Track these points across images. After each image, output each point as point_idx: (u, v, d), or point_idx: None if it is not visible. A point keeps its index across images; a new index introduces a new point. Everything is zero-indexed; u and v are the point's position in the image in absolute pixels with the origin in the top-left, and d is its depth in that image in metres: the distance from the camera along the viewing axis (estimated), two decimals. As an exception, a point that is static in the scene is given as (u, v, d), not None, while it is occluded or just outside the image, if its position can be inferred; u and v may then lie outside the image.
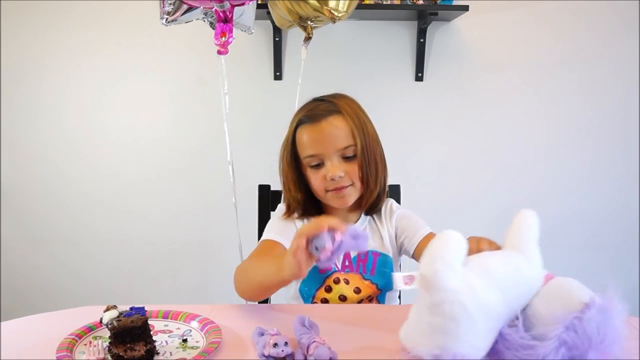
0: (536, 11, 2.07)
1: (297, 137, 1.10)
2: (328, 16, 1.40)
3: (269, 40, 2.06)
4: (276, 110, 2.01)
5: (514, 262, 0.72)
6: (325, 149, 1.06)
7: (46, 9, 2.06)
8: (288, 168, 1.13)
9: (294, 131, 1.11)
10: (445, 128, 2.15)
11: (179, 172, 2.17)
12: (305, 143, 1.08)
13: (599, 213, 2.18)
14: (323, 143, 1.06)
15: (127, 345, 0.74)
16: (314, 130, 1.07)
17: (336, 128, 1.06)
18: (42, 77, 2.11)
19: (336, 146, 1.06)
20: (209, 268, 2.22)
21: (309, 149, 1.08)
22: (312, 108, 1.10)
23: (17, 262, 2.23)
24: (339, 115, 1.08)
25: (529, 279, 0.72)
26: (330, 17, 1.40)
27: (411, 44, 2.09)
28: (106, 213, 2.20)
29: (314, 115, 1.08)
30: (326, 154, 1.07)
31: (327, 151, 1.06)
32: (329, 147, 1.06)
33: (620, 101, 2.12)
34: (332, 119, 1.07)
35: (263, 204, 1.37)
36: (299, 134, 1.10)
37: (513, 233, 0.76)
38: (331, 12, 1.39)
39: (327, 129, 1.06)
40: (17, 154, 2.16)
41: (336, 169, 1.06)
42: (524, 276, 0.72)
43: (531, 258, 0.74)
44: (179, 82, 2.11)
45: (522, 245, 0.75)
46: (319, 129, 1.07)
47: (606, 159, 2.16)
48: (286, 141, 1.13)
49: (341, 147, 1.06)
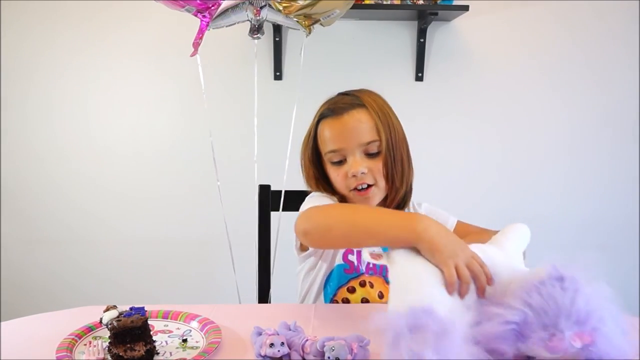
0: (536, 11, 2.07)
1: (319, 132, 1.06)
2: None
3: (269, 40, 2.06)
4: (276, 110, 2.01)
5: (484, 248, 0.79)
6: (348, 143, 1.01)
7: (45, 9, 2.06)
8: (309, 164, 1.09)
9: (315, 126, 1.07)
10: (445, 128, 2.15)
11: (179, 172, 2.17)
12: (327, 138, 1.04)
13: (599, 213, 2.18)
14: (345, 137, 1.01)
15: (127, 346, 0.74)
16: (336, 124, 1.03)
17: (359, 122, 1.01)
18: (42, 77, 2.11)
19: (359, 141, 1.01)
20: (209, 268, 2.22)
21: (330, 143, 1.03)
22: (335, 101, 1.06)
23: (17, 262, 2.23)
24: (362, 108, 1.03)
25: (497, 266, 0.76)
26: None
27: (411, 44, 2.09)
28: (106, 213, 2.20)
29: (336, 109, 1.04)
30: (348, 149, 1.02)
31: (349, 146, 1.01)
32: (352, 142, 1.01)
33: (620, 101, 2.13)
34: (355, 113, 1.02)
35: (263, 204, 1.36)
36: (321, 129, 1.05)
37: (499, 234, 0.83)
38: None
39: (349, 123, 1.01)
40: (16, 154, 2.16)
41: (358, 165, 1.00)
42: (490, 258, 0.76)
43: (507, 250, 0.79)
44: (180, 82, 2.11)
45: (503, 243, 0.81)
46: (341, 122, 1.02)
47: (606, 158, 2.16)
48: (307, 136, 1.09)
49: (364, 142, 1.01)
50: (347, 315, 0.93)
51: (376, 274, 1.10)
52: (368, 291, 1.07)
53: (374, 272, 1.10)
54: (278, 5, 1.34)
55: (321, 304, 1.09)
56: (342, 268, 1.09)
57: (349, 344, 0.72)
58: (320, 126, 1.06)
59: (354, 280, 1.08)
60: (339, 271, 1.09)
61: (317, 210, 0.93)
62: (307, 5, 1.35)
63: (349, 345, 0.72)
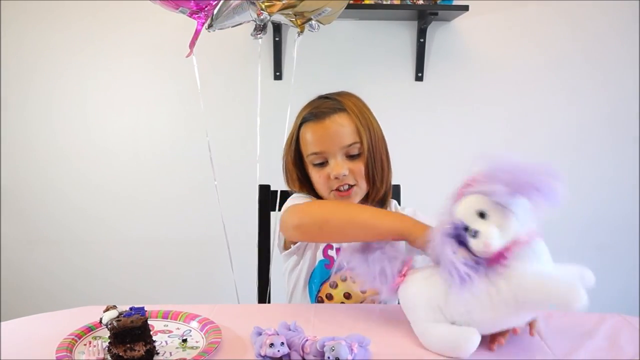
0: (536, 11, 2.07)
1: (301, 135, 1.09)
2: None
3: (269, 40, 2.06)
4: (276, 110, 2.01)
5: None
6: (330, 146, 1.05)
7: (44, 9, 2.06)
8: (292, 167, 1.12)
9: (298, 129, 1.09)
10: (445, 128, 2.14)
11: (179, 172, 2.17)
12: (309, 141, 1.07)
13: (599, 212, 2.18)
14: (327, 141, 1.05)
15: (127, 346, 0.74)
16: (318, 127, 1.06)
17: (341, 126, 1.05)
18: (41, 77, 2.11)
19: (341, 143, 1.05)
20: (209, 268, 2.22)
21: (312, 146, 1.06)
22: (316, 105, 1.09)
23: (17, 263, 2.23)
24: (343, 112, 1.06)
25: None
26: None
27: (411, 44, 2.09)
28: (106, 213, 2.19)
29: (318, 113, 1.07)
30: (330, 152, 1.05)
31: (331, 149, 1.05)
32: (334, 145, 1.05)
33: (620, 100, 2.12)
34: (337, 117, 1.06)
35: (263, 204, 1.37)
36: (303, 132, 1.08)
37: None
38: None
39: (331, 127, 1.05)
40: (16, 154, 2.16)
41: (340, 168, 1.04)
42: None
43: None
44: (179, 83, 2.10)
45: None
46: (323, 126, 1.05)
47: (606, 158, 2.16)
48: (290, 139, 1.12)
49: (346, 145, 1.05)
50: (347, 315, 0.93)
51: None
52: (349, 285, 1.10)
53: None
54: (261, 4, 1.34)
55: (319, 305, 1.10)
56: (323, 264, 1.11)
57: (349, 344, 0.72)
58: (302, 129, 1.09)
59: (335, 275, 1.11)
60: (321, 267, 1.11)
61: (310, 204, 0.99)
62: (289, 5, 1.35)
63: (349, 345, 0.72)
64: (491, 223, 0.70)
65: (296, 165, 1.12)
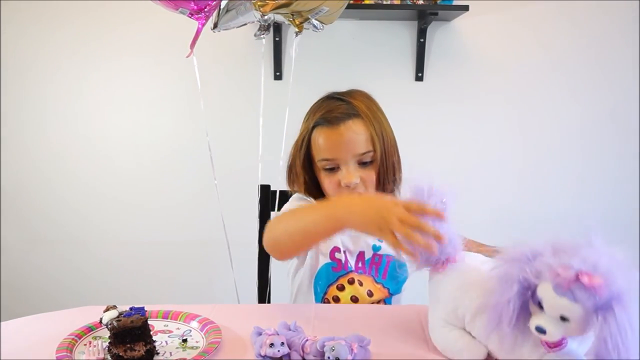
0: (536, 11, 2.07)
1: (313, 139, 1.06)
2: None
3: (269, 40, 2.06)
4: (276, 110, 2.01)
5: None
6: (343, 154, 1.02)
7: (43, 9, 2.06)
8: (301, 170, 1.09)
9: (310, 132, 1.06)
10: (445, 128, 2.14)
11: (179, 172, 2.17)
12: (322, 146, 1.04)
13: (599, 212, 2.18)
14: (341, 148, 1.02)
15: (127, 346, 0.74)
16: (332, 134, 1.03)
17: (355, 133, 1.02)
18: (42, 76, 2.11)
19: (354, 151, 1.02)
20: (209, 268, 2.22)
21: (325, 152, 1.04)
22: (330, 109, 1.05)
23: (17, 264, 2.23)
24: (358, 118, 1.04)
25: None
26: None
27: (411, 44, 2.09)
28: (106, 213, 2.19)
29: (332, 118, 1.03)
30: (343, 160, 1.03)
31: (344, 156, 1.02)
32: (347, 153, 1.02)
33: (620, 101, 2.12)
34: (352, 124, 1.03)
35: (263, 204, 1.36)
36: (315, 136, 1.05)
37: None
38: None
39: (345, 134, 1.02)
40: (16, 154, 2.16)
41: (352, 176, 1.02)
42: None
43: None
44: (179, 83, 2.10)
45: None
46: (338, 133, 1.02)
47: (606, 158, 2.16)
48: (300, 141, 1.08)
49: (359, 153, 1.03)
50: (347, 315, 0.93)
51: (365, 273, 1.11)
52: (357, 289, 1.09)
53: (364, 272, 1.11)
54: (255, 3, 1.34)
55: (319, 305, 1.10)
56: (329, 266, 1.10)
57: (349, 344, 0.72)
58: (315, 133, 1.06)
59: (342, 278, 1.09)
60: (327, 269, 1.10)
61: (268, 226, 0.96)
62: (283, 5, 1.34)
63: (349, 345, 0.72)
64: (565, 328, 0.64)
65: (304, 169, 1.09)
